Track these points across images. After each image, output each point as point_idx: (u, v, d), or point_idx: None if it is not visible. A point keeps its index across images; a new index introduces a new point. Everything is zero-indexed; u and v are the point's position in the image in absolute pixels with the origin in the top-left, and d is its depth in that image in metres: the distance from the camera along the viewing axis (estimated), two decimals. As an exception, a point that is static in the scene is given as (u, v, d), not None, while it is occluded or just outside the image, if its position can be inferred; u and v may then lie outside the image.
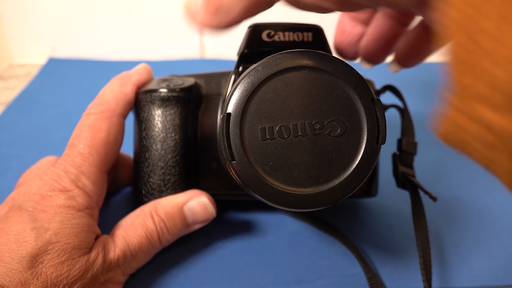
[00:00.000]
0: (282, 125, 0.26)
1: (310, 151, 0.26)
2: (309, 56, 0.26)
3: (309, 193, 0.26)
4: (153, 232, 0.33)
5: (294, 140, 0.26)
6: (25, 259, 0.27)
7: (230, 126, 0.26)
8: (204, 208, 0.35)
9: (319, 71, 0.26)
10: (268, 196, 0.26)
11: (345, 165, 0.26)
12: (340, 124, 0.26)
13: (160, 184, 0.36)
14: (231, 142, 0.25)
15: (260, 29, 0.33)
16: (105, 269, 0.30)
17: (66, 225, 0.29)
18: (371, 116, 0.26)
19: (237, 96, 0.26)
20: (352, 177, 0.26)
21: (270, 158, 0.26)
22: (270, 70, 0.26)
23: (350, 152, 0.26)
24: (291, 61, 0.26)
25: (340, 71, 0.26)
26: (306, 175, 0.26)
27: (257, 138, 0.26)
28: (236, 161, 0.25)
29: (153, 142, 0.35)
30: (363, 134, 0.26)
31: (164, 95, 0.35)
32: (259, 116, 0.26)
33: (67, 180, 0.31)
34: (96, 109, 0.34)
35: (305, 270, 0.36)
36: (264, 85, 0.26)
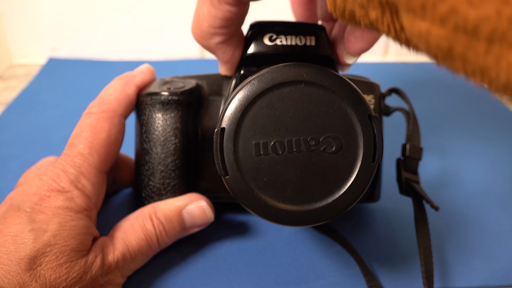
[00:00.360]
0: (277, 141, 0.25)
1: (305, 168, 0.25)
2: (306, 71, 0.25)
3: (303, 210, 0.25)
4: (152, 235, 0.33)
5: (288, 156, 0.25)
6: (24, 261, 0.27)
7: (224, 141, 0.25)
8: (203, 212, 0.35)
9: (315, 86, 0.25)
10: (261, 212, 0.26)
11: (340, 182, 0.25)
12: (335, 141, 0.25)
13: (160, 187, 0.36)
14: (225, 157, 0.25)
15: (262, 32, 0.33)
16: (104, 272, 0.30)
17: (64, 227, 0.29)
18: (367, 133, 0.25)
19: (232, 110, 0.25)
20: (347, 195, 0.25)
21: (264, 174, 0.25)
22: (266, 84, 0.25)
23: (345, 169, 0.25)
24: (287, 76, 0.25)
25: (337, 86, 0.25)
26: (300, 192, 0.25)
27: (251, 154, 0.25)
28: (229, 176, 0.25)
29: (153, 145, 0.35)
30: (359, 151, 0.25)
31: (164, 99, 0.35)
32: (254, 131, 0.25)
33: (66, 181, 0.30)
34: (97, 109, 0.34)
35: (305, 270, 0.36)
36: (259, 99, 0.25)
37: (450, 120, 0.57)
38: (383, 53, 0.75)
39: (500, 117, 0.59)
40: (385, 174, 0.44)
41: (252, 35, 0.33)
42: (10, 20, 0.70)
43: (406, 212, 0.41)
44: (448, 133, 0.54)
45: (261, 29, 0.33)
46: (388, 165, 0.45)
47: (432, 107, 0.60)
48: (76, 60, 0.72)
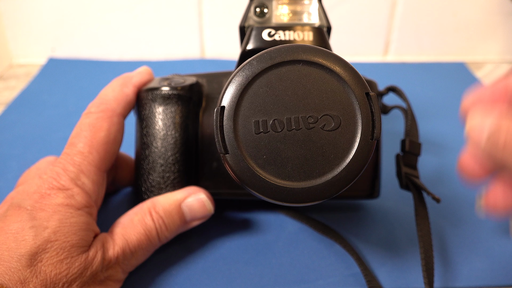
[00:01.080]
0: (276, 119, 0.26)
1: (304, 145, 0.26)
2: (304, 50, 0.26)
3: (303, 187, 0.26)
4: (152, 230, 0.33)
5: (287, 134, 0.26)
6: (24, 258, 0.27)
7: (224, 119, 0.26)
8: (202, 205, 0.35)
9: (313, 65, 0.26)
10: (261, 189, 0.26)
11: (339, 159, 0.26)
12: (334, 119, 0.26)
13: (160, 181, 0.36)
14: (225, 135, 0.26)
15: (261, 28, 0.34)
16: (104, 267, 0.30)
17: (65, 223, 0.29)
18: (366, 111, 0.26)
19: (231, 89, 0.26)
20: (346, 172, 0.26)
21: (264, 151, 0.26)
22: (265, 64, 0.26)
23: (344, 146, 0.26)
24: (286, 55, 0.26)
25: (335, 65, 0.26)
26: (300, 169, 0.26)
27: (251, 132, 0.26)
28: (229, 154, 0.25)
29: (153, 139, 0.36)
30: (357, 128, 0.26)
31: (165, 93, 0.35)
32: (253, 109, 0.26)
33: (66, 179, 0.31)
34: (96, 108, 0.34)
35: (305, 270, 0.36)
36: (258, 78, 0.26)
37: (450, 120, 0.57)
38: (383, 53, 0.75)
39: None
40: (384, 173, 0.44)
41: (251, 31, 0.34)
42: (10, 20, 0.70)
43: (406, 211, 0.41)
44: (448, 132, 0.54)
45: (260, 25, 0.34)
46: (386, 163, 0.45)
47: (432, 106, 0.60)
48: (76, 60, 0.72)
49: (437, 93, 0.65)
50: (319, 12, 0.36)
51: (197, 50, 0.74)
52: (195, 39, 0.73)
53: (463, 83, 0.68)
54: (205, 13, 0.71)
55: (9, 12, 0.70)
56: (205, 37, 0.73)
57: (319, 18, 0.36)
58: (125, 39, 0.73)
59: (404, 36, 0.74)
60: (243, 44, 0.35)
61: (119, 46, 0.73)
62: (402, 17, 0.72)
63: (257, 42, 0.34)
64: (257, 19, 0.35)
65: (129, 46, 0.73)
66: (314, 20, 0.36)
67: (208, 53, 0.74)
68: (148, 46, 0.73)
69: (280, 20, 0.36)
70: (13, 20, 0.70)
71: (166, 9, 0.71)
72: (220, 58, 0.73)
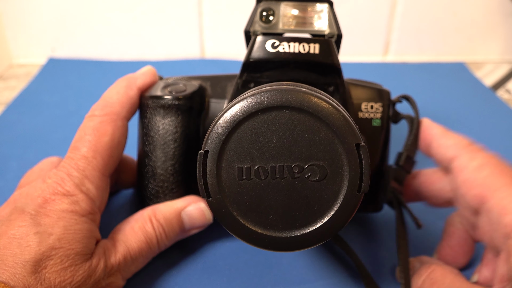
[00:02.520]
0: (260, 166, 0.25)
1: (288, 195, 0.25)
2: (293, 95, 0.25)
3: (284, 236, 0.25)
4: (152, 237, 0.33)
5: (271, 182, 0.25)
6: (29, 264, 0.27)
7: (207, 163, 0.25)
8: (202, 214, 0.35)
9: (302, 112, 0.25)
10: (242, 236, 0.25)
11: (323, 211, 0.25)
12: (320, 169, 0.25)
13: (158, 190, 0.36)
14: (208, 179, 0.25)
15: (265, 38, 0.33)
16: (106, 274, 0.30)
17: (69, 230, 0.29)
18: (354, 162, 0.25)
19: (216, 133, 0.25)
20: (329, 224, 0.25)
21: (246, 198, 0.25)
22: (251, 108, 0.25)
23: (329, 198, 0.25)
24: (273, 100, 0.25)
25: (324, 113, 0.25)
26: (282, 219, 0.25)
27: (234, 178, 0.25)
28: (211, 199, 0.25)
29: (153, 148, 0.35)
30: (344, 180, 0.25)
31: (165, 103, 0.35)
32: (237, 155, 0.25)
33: (70, 184, 0.30)
34: (100, 111, 0.34)
35: (305, 271, 0.36)
36: (244, 123, 0.25)
37: (450, 120, 0.57)
38: (383, 53, 0.75)
39: (502, 116, 0.59)
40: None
41: (254, 41, 0.33)
42: (10, 20, 0.70)
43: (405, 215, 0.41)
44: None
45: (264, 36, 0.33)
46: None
47: (432, 107, 0.60)
48: (76, 60, 0.72)
49: (437, 93, 0.65)
50: (329, 19, 0.34)
51: (197, 50, 0.74)
52: (195, 39, 0.73)
53: (463, 83, 0.68)
54: (205, 13, 0.71)
55: (9, 12, 0.70)
56: (205, 37, 0.73)
57: (329, 25, 0.34)
58: (125, 39, 0.73)
59: (404, 36, 0.74)
60: (246, 53, 0.34)
61: (119, 46, 0.73)
62: (402, 17, 0.72)
63: (261, 52, 0.33)
64: (263, 25, 0.34)
65: (129, 46, 0.73)
66: (324, 27, 0.34)
67: (208, 53, 0.75)
68: (148, 46, 0.73)
69: (287, 26, 0.34)
70: (13, 20, 0.70)
71: (166, 9, 0.71)
72: (220, 58, 0.73)
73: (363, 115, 0.36)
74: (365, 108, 0.37)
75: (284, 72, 0.33)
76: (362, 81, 0.38)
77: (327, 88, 0.34)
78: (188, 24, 0.72)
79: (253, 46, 0.33)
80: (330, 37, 0.34)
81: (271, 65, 0.33)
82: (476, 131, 0.56)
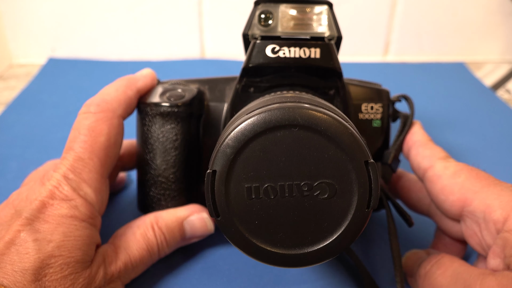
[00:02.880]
0: (269, 185, 0.25)
1: (297, 213, 0.25)
2: (301, 114, 0.24)
3: (294, 253, 0.25)
4: (154, 245, 0.33)
5: (280, 201, 0.25)
6: (28, 272, 0.26)
7: (215, 183, 0.25)
8: (204, 224, 0.35)
9: (310, 130, 0.24)
10: (252, 254, 0.25)
11: (333, 228, 0.25)
12: (329, 187, 0.25)
13: (160, 198, 0.35)
14: (216, 199, 0.25)
15: (264, 43, 0.32)
16: (106, 282, 0.30)
17: (69, 237, 0.28)
18: (363, 180, 0.25)
19: (224, 152, 0.25)
20: (339, 241, 0.25)
21: (255, 217, 0.25)
22: (259, 128, 0.24)
23: (338, 215, 0.25)
24: (281, 119, 0.24)
25: (333, 130, 0.24)
26: (292, 236, 0.25)
27: (243, 197, 0.25)
28: (221, 218, 0.25)
29: (153, 156, 0.35)
30: (353, 197, 0.25)
31: (164, 110, 0.34)
32: (246, 174, 0.25)
33: (68, 188, 0.30)
34: (96, 108, 0.32)
35: (305, 271, 0.36)
36: (252, 142, 0.25)
37: (449, 120, 0.57)
38: (383, 53, 0.75)
39: (502, 116, 0.59)
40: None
41: (254, 46, 0.32)
42: (10, 20, 0.70)
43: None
44: (446, 132, 0.54)
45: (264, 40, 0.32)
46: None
47: (431, 107, 0.60)
48: (76, 60, 0.72)
49: (437, 93, 0.65)
50: (329, 20, 0.33)
51: (197, 50, 0.74)
52: (195, 39, 0.73)
53: (463, 83, 0.68)
54: (205, 13, 0.71)
55: (9, 12, 0.70)
56: (205, 37, 0.73)
57: (328, 27, 0.33)
58: (125, 39, 0.73)
59: (404, 36, 0.74)
60: (245, 58, 0.33)
61: (119, 46, 0.73)
62: (402, 17, 0.72)
63: (260, 58, 0.32)
64: (262, 28, 0.33)
65: (129, 46, 0.73)
66: (323, 29, 0.34)
67: (208, 53, 0.75)
68: (148, 46, 0.73)
69: (286, 29, 0.33)
70: (13, 20, 0.70)
71: (166, 9, 0.71)
72: (220, 58, 0.73)
73: (363, 116, 0.36)
74: (365, 109, 0.37)
75: (284, 77, 0.33)
76: (362, 81, 0.38)
77: (328, 92, 0.34)
78: (188, 24, 0.72)
79: (253, 51, 0.32)
80: (330, 39, 0.33)
81: (271, 70, 0.33)
82: (476, 131, 0.56)
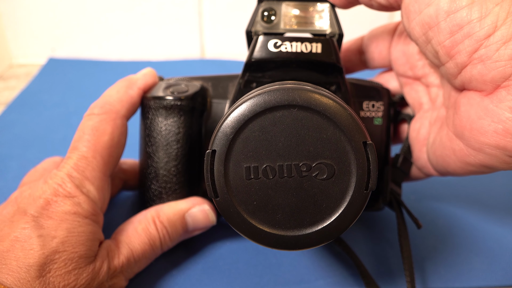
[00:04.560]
0: (268, 165, 0.25)
1: (296, 193, 0.25)
2: (300, 94, 0.25)
3: (292, 235, 0.25)
4: (156, 239, 0.33)
5: (279, 181, 0.25)
6: (33, 268, 0.26)
7: (214, 163, 0.25)
8: (206, 216, 0.35)
9: (309, 111, 0.25)
10: (250, 235, 0.25)
11: (331, 209, 0.25)
12: (328, 167, 0.25)
13: (162, 191, 0.35)
14: (215, 179, 0.25)
15: (267, 38, 0.32)
16: (109, 276, 0.30)
17: (73, 233, 0.29)
18: (361, 161, 0.25)
19: (223, 132, 0.25)
20: (337, 222, 0.25)
21: (254, 197, 0.25)
22: (258, 107, 0.25)
23: (337, 196, 0.25)
24: (280, 99, 0.25)
25: (331, 111, 0.25)
26: (290, 217, 0.25)
27: (242, 177, 0.25)
28: (219, 198, 0.25)
29: (155, 149, 0.35)
30: (352, 178, 0.25)
31: (167, 103, 0.35)
32: (245, 154, 0.25)
33: (71, 186, 0.30)
34: (99, 109, 0.33)
35: (305, 270, 0.36)
36: (251, 122, 0.25)
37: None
38: (383, 53, 0.75)
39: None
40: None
41: (257, 41, 0.33)
42: (10, 20, 0.70)
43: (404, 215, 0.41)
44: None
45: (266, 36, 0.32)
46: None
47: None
48: (76, 60, 0.72)
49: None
50: (330, 18, 0.34)
51: (197, 50, 0.74)
52: (195, 39, 0.73)
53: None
54: (205, 13, 0.71)
55: (9, 12, 0.70)
56: (205, 37, 0.73)
57: (330, 24, 0.34)
58: (125, 39, 0.73)
59: (404, 36, 0.74)
60: (248, 53, 0.33)
61: (119, 46, 0.73)
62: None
63: (263, 52, 0.33)
64: (265, 25, 0.34)
65: (129, 46, 0.73)
66: (325, 27, 0.34)
67: (208, 53, 0.75)
68: (148, 46, 0.73)
69: (288, 26, 0.34)
70: (13, 20, 0.70)
71: (166, 9, 0.71)
72: (220, 59, 0.73)
73: (364, 114, 0.36)
74: (366, 107, 0.37)
75: (286, 72, 0.33)
76: (362, 80, 0.38)
77: (329, 87, 0.34)
78: (188, 24, 0.72)
79: (255, 46, 0.33)
80: (331, 36, 0.34)
81: (273, 64, 0.33)
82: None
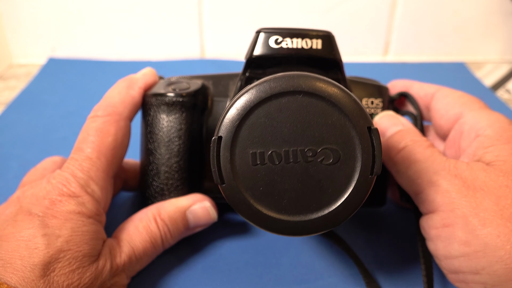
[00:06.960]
0: (274, 151, 0.25)
1: (301, 179, 0.25)
2: (305, 81, 0.25)
3: (298, 220, 0.25)
4: (157, 236, 0.33)
5: (285, 167, 0.25)
6: (38, 268, 0.27)
7: (220, 150, 0.25)
8: (207, 213, 0.35)
9: (314, 97, 0.25)
10: (257, 221, 0.25)
11: (337, 194, 0.25)
12: (333, 152, 0.25)
13: (163, 188, 0.36)
14: (221, 165, 0.25)
15: (267, 34, 0.33)
16: (112, 275, 0.30)
17: (77, 232, 0.29)
18: (366, 145, 0.25)
19: (229, 119, 0.25)
20: (343, 207, 0.25)
21: (260, 183, 0.25)
22: (264, 94, 0.25)
23: (342, 181, 0.25)
24: (286, 86, 0.25)
25: (336, 97, 0.25)
26: (296, 203, 0.25)
27: (248, 163, 0.25)
28: (225, 184, 0.25)
29: (157, 146, 0.35)
30: (357, 163, 0.25)
31: (169, 100, 0.35)
32: (251, 140, 0.25)
33: (76, 185, 0.30)
34: (103, 112, 0.34)
35: (305, 270, 0.36)
36: (257, 109, 0.25)
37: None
38: (383, 53, 0.75)
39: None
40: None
41: (258, 37, 0.33)
42: (10, 20, 0.70)
43: (406, 214, 0.41)
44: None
45: (267, 32, 0.33)
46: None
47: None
48: (76, 60, 0.72)
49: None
50: None
51: (197, 50, 0.74)
52: (195, 39, 0.73)
53: (463, 83, 0.68)
54: (205, 13, 0.71)
55: (9, 12, 0.70)
56: (205, 37, 0.73)
57: None
58: (125, 39, 0.73)
59: (404, 36, 0.74)
60: (249, 49, 0.34)
61: (119, 46, 0.73)
62: (402, 17, 0.72)
63: (264, 48, 0.33)
64: None
65: (129, 46, 0.73)
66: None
67: (208, 53, 0.75)
68: (148, 46, 0.73)
69: None
70: (13, 20, 0.71)
71: (166, 9, 0.71)
72: (220, 58, 0.73)
73: None
74: (365, 104, 0.37)
75: (286, 68, 0.34)
76: (361, 78, 0.38)
77: None
78: (188, 24, 0.72)
79: (256, 42, 0.33)
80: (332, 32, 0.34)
81: (274, 61, 0.33)
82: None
